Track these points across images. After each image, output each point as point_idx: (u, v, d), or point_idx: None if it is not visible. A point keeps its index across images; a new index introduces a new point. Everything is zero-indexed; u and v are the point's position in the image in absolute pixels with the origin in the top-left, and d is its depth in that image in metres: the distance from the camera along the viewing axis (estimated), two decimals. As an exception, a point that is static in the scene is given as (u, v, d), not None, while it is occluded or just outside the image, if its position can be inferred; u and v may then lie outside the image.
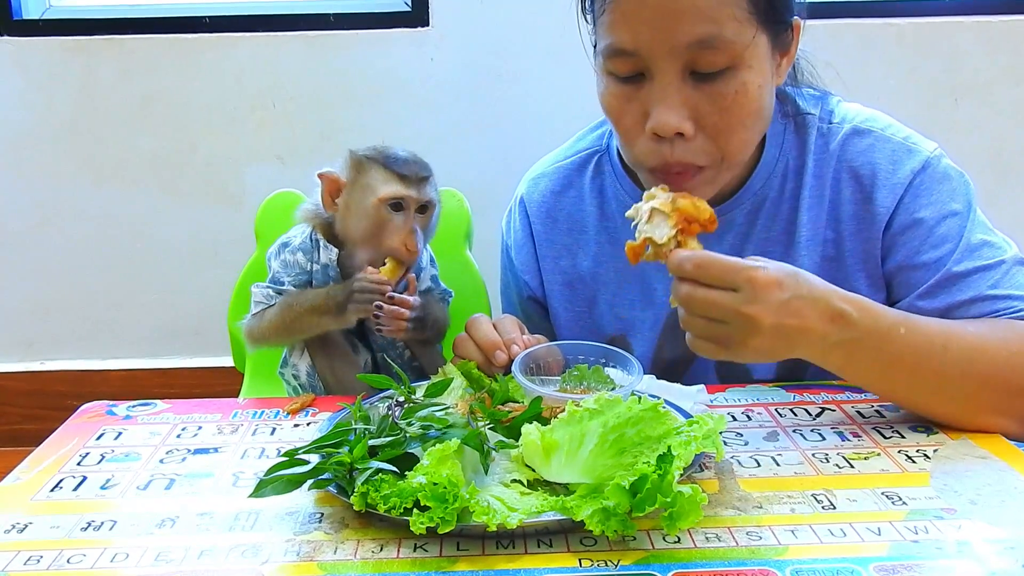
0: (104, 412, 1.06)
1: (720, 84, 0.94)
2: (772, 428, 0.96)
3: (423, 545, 0.74)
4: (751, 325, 0.83)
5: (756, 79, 0.96)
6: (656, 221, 0.88)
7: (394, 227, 1.11)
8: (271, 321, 1.14)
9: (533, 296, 1.27)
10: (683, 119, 0.95)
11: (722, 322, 0.84)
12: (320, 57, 2.38)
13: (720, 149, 0.98)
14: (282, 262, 1.16)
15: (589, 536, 0.74)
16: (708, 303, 0.84)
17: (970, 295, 1.01)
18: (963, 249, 1.03)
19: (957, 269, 1.02)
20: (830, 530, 0.75)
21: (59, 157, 2.43)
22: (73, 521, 0.80)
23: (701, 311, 0.85)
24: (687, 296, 0.85)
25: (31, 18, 2.38)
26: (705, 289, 0.84)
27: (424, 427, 0.83)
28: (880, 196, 1.07)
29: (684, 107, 0.95)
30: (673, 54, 0.93)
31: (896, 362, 0.92)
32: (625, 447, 0.77)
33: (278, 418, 1.03)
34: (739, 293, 0.83)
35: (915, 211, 1.05)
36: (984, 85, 2.42)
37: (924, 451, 0.90)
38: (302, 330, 1.14)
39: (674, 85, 0.94)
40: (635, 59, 0.95)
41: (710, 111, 0.95)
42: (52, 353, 2.57)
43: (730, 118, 0.96)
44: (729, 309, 0.83)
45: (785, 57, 1.02)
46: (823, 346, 0.88)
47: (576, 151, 1.23)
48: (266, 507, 0.81)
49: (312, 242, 1.16)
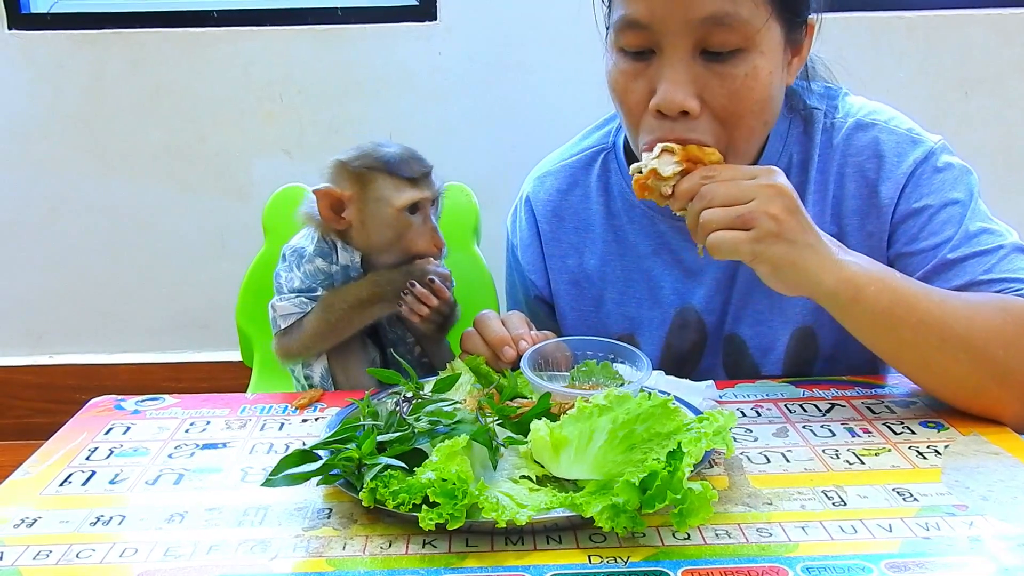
0: (113, 407, 1.06)
1: (731, 65, 0.94)
2: (782, 424, 0.96)
3: (432, 541, 0.74)
4: (775, 192, 0.86)
5: (767, 66, 0.95)
6: (664, 158, 0.90)
7: (417, 230, 1.11)
8: (312, 327, 1.11)
9: (540, 295, 1.26)
10: (689, 96, 0.94)
11: (745, 203, 0.86)
12: (328, 51, 2.38)
13: (726, 135, 0.97)
14: (305, 272, 1.13)
15: (598, 532, 0.74)
16: (730, 185, 0.87)
17: (964, 280, 1.00)
18: (961, 236, 1.02)
19: (952, 256, 1.02)
20: (841, 527, 0.74)
21: (67, 151, 2.43)
22: (82, 516, 0.80)
23: (722, 197, 0.87)
24: (706, 190, 0.88)
25: (39, 12, 2.38)
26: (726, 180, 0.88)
27: (432, 423, 0.83)
28: (884, 189, 1.07)
29: (692, 84, 0.94)
30: (686, 29, 0.92)
31: (902, 298, 0.92)
32: (635, 443, 0.76)
33: (286, 413, 1.03)
34: (758, 176, 0.88)
35: (916, 200, 1.05)
36: (995, 78, 2.41)
37: (935, 447, 0.89)
38: (349, 326, 1.11)
39: (684, 61, 0.94)
40: (647, 33, 0.94)
41: (719, 92, 0.94)
42: (61, 347, 2.58)
43: (739, 102, 0.95)
44: (752, 185, 0.87)
45: (797, 57, 1.02)
46: (834, 264, 0.89)
47: (581, 149, 1.22)
48: (275, 502, 0.81)
49: (329, 244, 1.14)
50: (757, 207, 0.85)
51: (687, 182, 0.89)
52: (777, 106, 1.02)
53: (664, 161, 0.90)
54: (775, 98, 1.00)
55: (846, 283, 0.89)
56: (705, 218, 0.87)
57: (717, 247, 0.87)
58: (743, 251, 0.86)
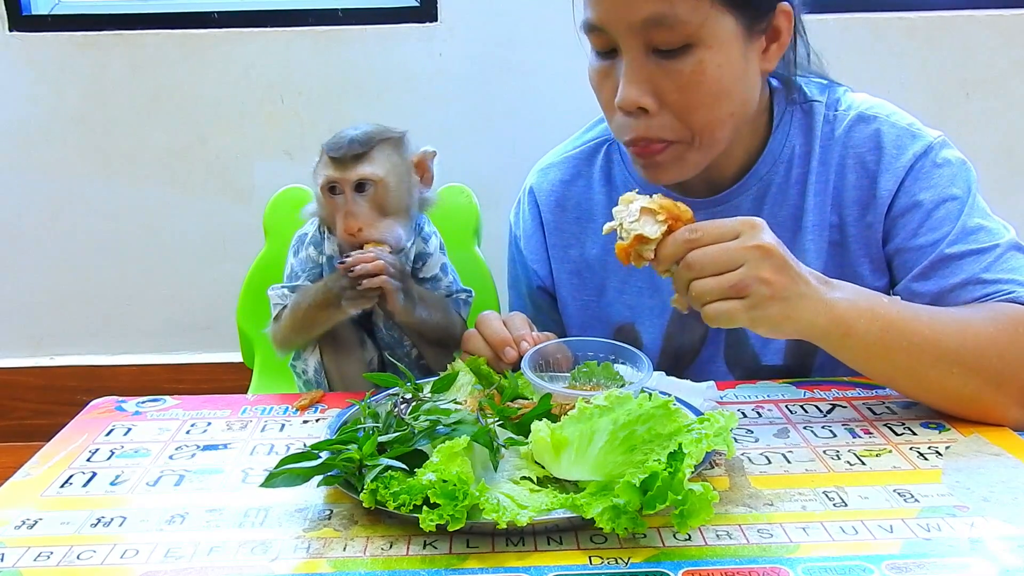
0: (113, 408, 1.06)
1: (677, 62, 0.97)
2: (783, 425, 0.96)
3: (432, 542, 0.74)
4: (763, 254, 0.85)
5: (716, 59, 0.97)
6: (643, 219, 0.89)
7: (336, 213, 1.10)
8: (285, 324, 1.13)
9: (542, 286, 1.27)
10: (643, 94, 0.98)
11: (734, 269, 0.85)
12: (329, 52, 2.37)
13: (686, 127, 1.00)
14: (299, 259, 1.15)
15: (599, 534, 0.74)
16: (719, 252, 0.85)
17: (962, 278, 1.02)
18: (959, 232, 1.03)
19: (950, 251, 1.03)
20: (841, 527, 0.74)
21: (68, 153, 2.42)
22: (83, 517, 0.80)
23: (712, 266, 0.85)
24: (695, 260, 0.86)
25: (40, 13, 2.37)
26: (710, 247, 0.86)
27: (432, 422, 0.83)
28: (883, 180, 1.08)
29: (647, 83, 0.98)
30: (631, 31, 0.96)
31: (892, 326, 0.91)
32: (635, 444, 0.76)
33: (287, 414, 1.03)
34: (740, 237, 0.86)
35: (915, 194, 1.06)
36: (996, 79, 2.40)
37: (936, 448, 0.89)
38: (313, 327, 1.12)
39: (638, 61, 0.97)
40: (605, 35, 0.99)
41: (670, 88, 0.98)
42: (62, 348, 2.57)
43: (689, 95, 0.98)
44: (739, 248, 0.85)
45: (775, 42, 1.03)
46: (824, 306, 0.89)
47: (585, 141, 1.25)
48: (275, 504, 0.81)
49: (320, 234, 1.15)
50: (748, 273, 0.85)
51: (671, 246, 0.87)
52: (744, 95, 1.03)
53: (645, 223, 0.88)
54: (734, 89, 1.01)
55: (837, 321, 0.89)
56: (697, 290, 0.86)
57: (714, 318, 0.87)
58: (740, 320, 0.86)
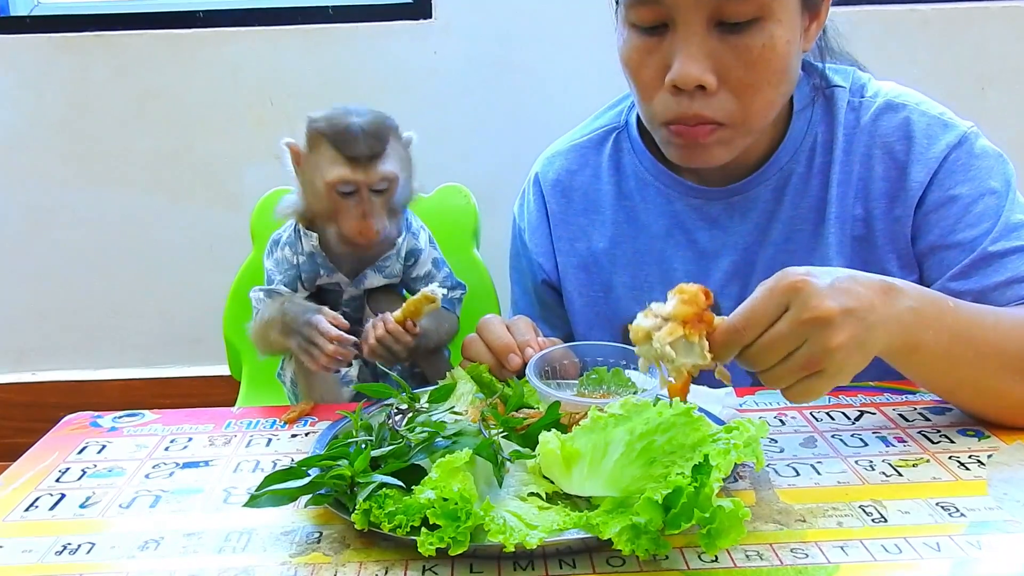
0: (88, 424, 1.01)
1: (747, 36, 0.92)
2: (809, 433, 0.90)
3: (432, 567, 0.69)
4: (823, 323, 0.75)
5: (785, 34, 0.93)
6: (680, 348, 0.79)
7: (347, 213, 1.05)
8: (255, 333, 1.09)
9: (547, 280, 1.22)
10: (706, 71, 0.92)
11: (798, 349, 0.76)
12: (319, 52, 2.34)
13: (743, 109, 0.95)
14: (274, 260, 1.11)
15: (616, 556, 0.68)
16: (776, 340, 0.76)
17: (1006, 276, 0.97)
18: (1001, 228, 0.99)
19: (993, 249, 0.98)
20: (883, 546, 0.69)
21: (50, 159, 2.39)
22: (47, 544, 0.75)
23: (776, 354, 0.77)
24: (757, 354, 0.77)
25: (19, 15, 2.34)
26: (763, 336, 0.76)
27: (430, 435, 0.78)
28: (914, 171, 1.03)
29: (708, 59, 0.92)
30: (699, 2, 0.90)
31: (958, 336, 0.85)
32: (655, 456, 0.71)
33: (274, 428, 0.98)
34: (790, 309, 0.76)
35: (950, 187, 1.02)
36: (1013, 73, 2.38)
37: (977, 456, 0.83)
38: (271, 346, 1.07)
39: (699, 35, 0.92)
40: (659, 8, 0.93)
41: (735, 65, 0.93)
42: (44, 363, 2.53)
43: (756, 74, 0.93)
44: (794, 326, 0.75)
45: (815, 21, 0.99)
46: (896, 323, 0.80)
47: (594, 128, 1.20)
48: (259, 526, 0.76)
49: (295, 233, 1.11)
50: (814, 350, 0.76)
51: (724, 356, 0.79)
52: (795, 76, 1.00)
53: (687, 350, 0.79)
54: (793, 68, 0.97)
55: (906, 337, 0.82)
56: (770, 381, 0.78)
57: (801, 400, 0.79)
58: (827, 390, 0.79)
